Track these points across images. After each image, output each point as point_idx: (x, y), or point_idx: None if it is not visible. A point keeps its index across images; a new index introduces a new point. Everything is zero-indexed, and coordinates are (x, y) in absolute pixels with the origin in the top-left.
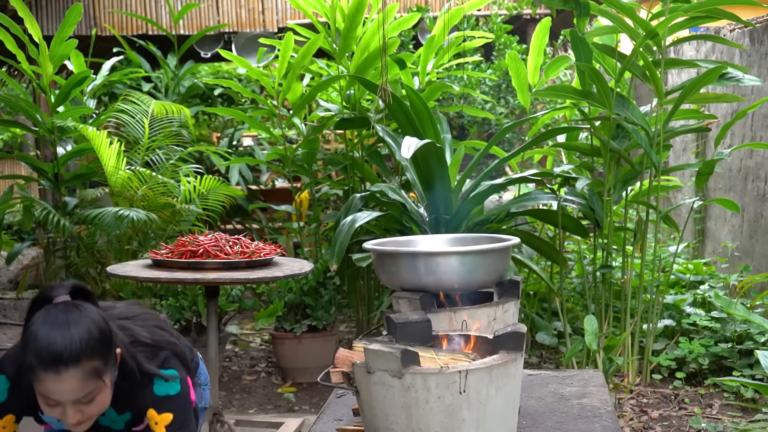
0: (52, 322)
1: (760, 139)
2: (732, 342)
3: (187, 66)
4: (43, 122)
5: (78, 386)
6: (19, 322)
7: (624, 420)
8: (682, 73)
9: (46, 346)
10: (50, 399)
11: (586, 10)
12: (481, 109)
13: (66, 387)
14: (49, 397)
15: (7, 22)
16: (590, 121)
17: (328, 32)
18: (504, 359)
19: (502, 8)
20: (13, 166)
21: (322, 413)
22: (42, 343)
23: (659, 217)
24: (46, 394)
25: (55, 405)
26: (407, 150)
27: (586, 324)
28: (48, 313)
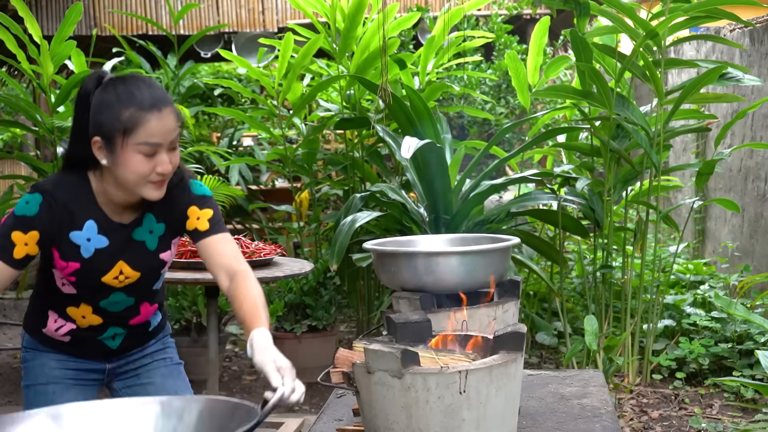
0: (126, 82)
1: (760, 139)
2: (732, 342)
3: (187, 66)
4: (43, 122)
5: (173, 125)
6: (19, 322)
7: (624, 420)
8: (682, 73)
9: (141, 93)
10: (150, 147)
11: (586, 10)
12: (481, 109)
13: (167, 124)
14: (151, 142)
15: (8, 21)
16: (590, 121)
17: (328, 32)
18: (504, 359)
19: (502, 8)
20: (13, 166)
21: (322, 413)
22: (136, 94)
23: (659, 217)
24: (148, 138)
25: (152, 155)
26: (407, 150)
27: (586, 324)
28: (116, 80)
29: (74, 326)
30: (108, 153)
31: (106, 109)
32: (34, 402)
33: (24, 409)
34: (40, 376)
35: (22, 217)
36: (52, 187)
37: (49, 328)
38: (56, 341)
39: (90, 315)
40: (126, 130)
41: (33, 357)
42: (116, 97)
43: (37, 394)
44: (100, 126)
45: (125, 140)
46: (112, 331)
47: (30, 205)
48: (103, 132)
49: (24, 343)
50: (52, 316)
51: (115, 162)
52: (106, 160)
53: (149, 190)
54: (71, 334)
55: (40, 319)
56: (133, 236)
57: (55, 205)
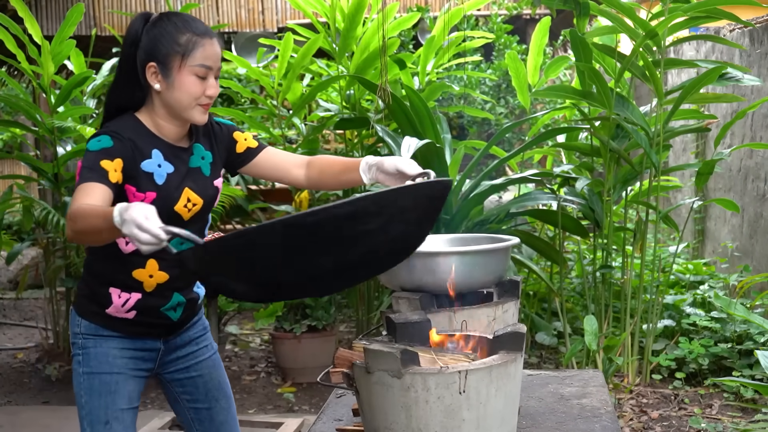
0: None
1: (759, 139)
2: (732, 342)
3: None
4: (42, 122)
5: (220, 53)
6: (19, 322)
7: (624, 420)
8: (682, 73)
9: (195, 22)
10: (204, 69)
11: (586, 10)
12: (480, 109)
13: (217, 51)
14: (206, 64)
15: (7, 22)
16: (590, 121)
17: (328, 32)
18: (504, 359)
19: (502, 8)
20: (12, 166)
21: (321, 413)
22: (191, 22)
23: (659, 217)
24: (204, 61)
25: (204, 77)
26: (407, 150)
27: (586, 324)
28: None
29: (140, 296)
30: (163, 77)
31: (163, 36)
32: (98, 390)
33: (84, 395)
34: (104, 364)
35: (102, 149)
36: (113, 127)
37: (115, 305)
38: (119, 321)
39: (157, 272)
40: (184, 53)
41: (95, 344)
42: (173, 25)
43: (102, 384)
44: (157, 52)
45: (183, 62)
46: (176, 300)
47: (103, 141)
48: (159, 57)
49: (82, 329)
50: (115, 292)
51: (169, 84)
52: (159, 84)
53: (197, 113)
54: (136, 308)
55: (102, 300)
56: (189, 164)
57: (123, 140)
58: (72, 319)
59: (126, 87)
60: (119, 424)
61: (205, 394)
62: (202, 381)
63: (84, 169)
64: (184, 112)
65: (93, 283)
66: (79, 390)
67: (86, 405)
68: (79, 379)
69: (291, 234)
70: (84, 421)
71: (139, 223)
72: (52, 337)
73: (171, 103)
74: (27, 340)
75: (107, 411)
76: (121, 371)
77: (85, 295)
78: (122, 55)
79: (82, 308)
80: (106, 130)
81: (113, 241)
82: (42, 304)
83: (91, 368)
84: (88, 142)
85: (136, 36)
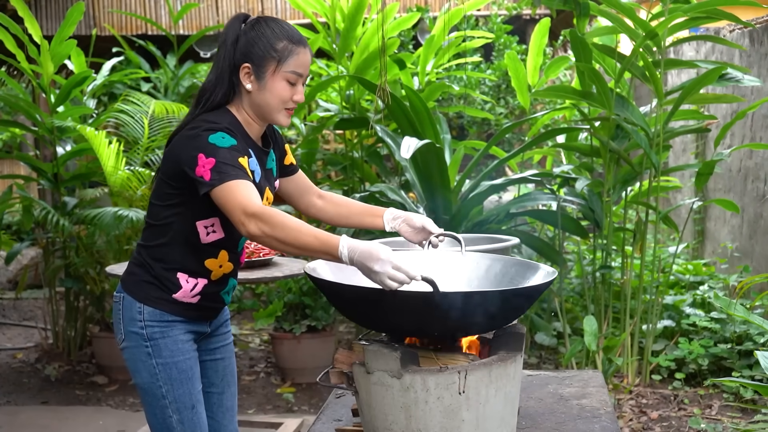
0: (275, 20)
1: (759, 140)
2: (731, 343)
3: (187, 66)
4: (42, 122)
5: (310, 61)
6: (18, 322)
7: (623, 421)
8: (682, 74)
9: (291, 30)
10: (295, 76)
11: (586, 10)
12: (480, 110)
13: (308, 59)
14: (298, 72)
15: (7, 21)
16: (590, 122)
17: (328, 32)
18: (503, 359)
19: (502, 8)
20: (12, 165)
21: (321, 413)
22: (288, 30)
23: (659, 217)
24: (296, 68)
25: (294, 84)
26: (407, 150)
27: (586, 324)
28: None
29: (206, 282)
30: (255, 79)
31: (261, 40)
32: (178, 379)
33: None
34: (176, 352)
35: (231, 146)
36: (225, 123)
37: (184, 290)
38: (184, 306)
39: (226, 262)
40: (280, 58)
41: (162, 333)
42: (271, 30)
43: (180, 372)
44: (253, 55)
45: (277, 68)
46: (231, 284)
47: (226, 138)
48: (254, 60)
49: (145, 316)
50: (183, 277)
51: (261, 87)
52: (251, 85)
53: (283, 116)
54: (201, 293)
55: (169, 285)
56: (266, 164)
57: (238, 138)
58: (127, 308)
59: (219, 83)
60: (201, 406)
61: (221, 379)
62: (223, 365)
63: (223, 165)
64: (270, 114)
65: (158, 268)
66: (154, 380)
67: (169, 394)
68: (153, 370)
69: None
70: (168, 409)
71: (397, 265)
72: (52, 337)
73: (260, 103)
74: (26, 340)
75: (191, 396)
76: (191, 355)
77: (146, 281)
78: (219, 53)
79: (143, 294)
80: (221, 127)
81: (194, 230)
82: (41, 304)
83: (165, 358)
84: (207, 138)
85: (234, 35)
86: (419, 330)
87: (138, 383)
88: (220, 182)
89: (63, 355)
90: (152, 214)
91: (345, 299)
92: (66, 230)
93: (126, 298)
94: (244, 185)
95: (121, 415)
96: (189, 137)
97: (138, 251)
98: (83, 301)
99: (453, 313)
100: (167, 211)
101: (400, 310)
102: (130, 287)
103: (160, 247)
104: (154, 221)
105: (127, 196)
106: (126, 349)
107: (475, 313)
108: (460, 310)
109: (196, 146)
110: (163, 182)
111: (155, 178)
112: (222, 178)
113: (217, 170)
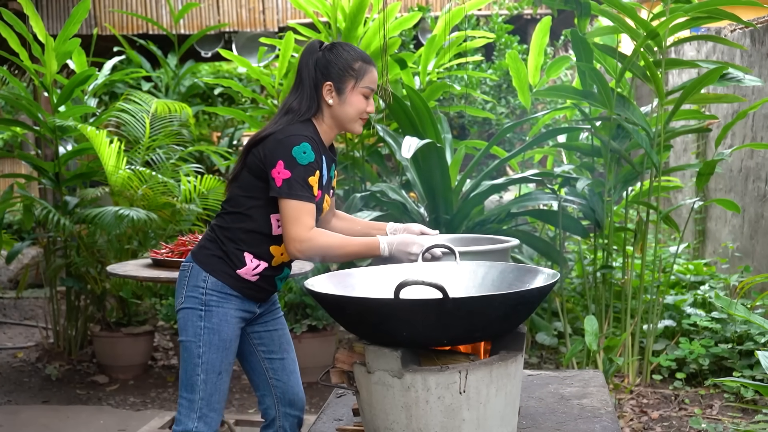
0: (347, 45)
1: (760, 140)
2: (732, 343)
3: (188, 65)
4: (44, 121)
5: (377, 77)
6: (19, 322)
7: (624, 420)
8: (683, 74)
9: (362, 52)
10: (369, 91)
11: (587, 10)
12: (481, 109)
13: (376, 76)
14: (371, 87)
15: (12, 19)
16: (591, 122)
17: (329, 32)
18: (504, 359)
19: (503, 8)
20: (13, 164)
21: (322, 413)
22: (360, 52)
23: (660, 217)
24: (370, 84)
25: (368, 96)
26: (408, 150)
27: (587, 324)
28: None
29: (267, 265)
30: (337, 94)
31: (340, 60)
32: (217, 346)
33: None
34: (224, 324)
35: (309, 164)
36: (308, 134)
37: (248, 268)
38: (244, 282)
39: (286, 252)
40: (357, 77)
41: (218, 303)
42: (347, 53)
43: (221, 341)
44: (334, 74)
45: (356, 84)
46: (285, 272)
47: (308, 153)
48: (335, 78)
49: (208, 285)
50: (248, 256)
51: (341, 101)
52: (332, 100)
53: (358, 125)
54: (260, 274)
55: (236, 261)
56: (330, 172)
57: (318, 147)
58: (194, 275)
59: (305, 100)
60: (227, 375)
61: (279, 346)
62: (278, 335)
63: (295, 183)
64: (348, 124)
65: (229, 246)
66: (196, 340)
67: (203, 355)
68: (198, 332)
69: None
70: (198, 368)
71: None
72: (52, 336)
73: (340, 115)
74: (27, 340)
75: (221, 363)
76: (234, 331)
77: (216, 256)
78: (303, 73)
79: (210, 266)
80: (306, 137)
81: (268, 222)
82: (42, 304)
83: (212, 324)
84: (291, 149)
85: (314, 59)
86: (428, 339)
87: (182, 340)
88: (288, 197)
89: (64, 355)
90: (234, 202)
91: (349, 312)
92: (67, 229)
93: (194, 267)
94: (304, 208)
95: (121, 414)
96: (278, 141)
97: (212, 229)
98: (84, 301)
99: (464, 319)
100: (250, 201)
101: (408, 319)
102: (200, 258)
103: (237, 231)
104: (234, 209)
105: (128, 196)
106: (182, 310)
107: (485, 318)
108: (471, 316)
109: (281, 153)
110: (248, 176)
111: (237, 170)
112: (290, 194)
113: (289, 184)
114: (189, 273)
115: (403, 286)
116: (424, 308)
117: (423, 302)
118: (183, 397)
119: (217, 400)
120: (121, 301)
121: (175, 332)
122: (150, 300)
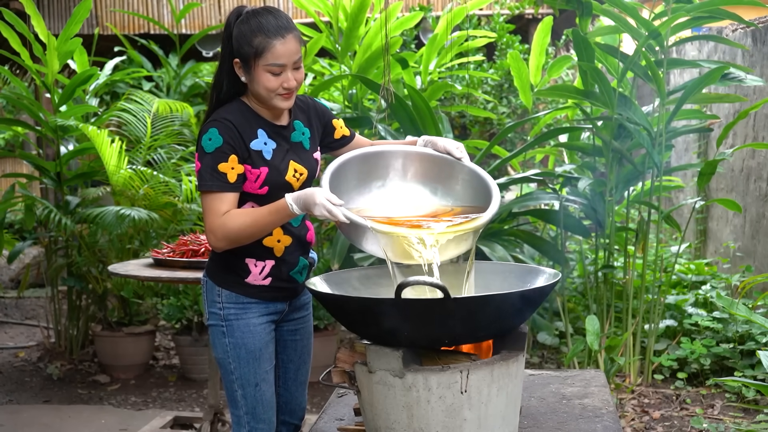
0: (258, 14)
1: (762, 139)
2: (734, 342)
3: (189, 65)
4: (45, 121)
5: (296, 47)
6: (21, 321)
7: (625, 420)
8: (685, 73)
9: (268, 23)
10: (276, 67)
11: (589, 9)
12: (483, 109)
13: (290, 47)
14: (277, 63)
15: (13, 19)
16: (592, 121)
17: (331, 31)
18: (505, 359)
19: (505, 8)
20: (14, 164)
21: (323, 413)
22: (264, 23)
23: (661, 217)
24: (275, 60)
25: (279, 73)
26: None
27: (588, 324)
28: (250, 12)
29: (273, 262)
30: (245, 72)
31: (242, 36)
32: (246, 359)
33: (232, 363)
34: (247, 335)
35: (215, 150)
36: (219, 116)
37: (254, 274)
38: (257, 289)
39: (282, 236)
40: (256, 54)
41: (236, 315)
42: (248, 26)
43: (249, 353)
44: (239, 51)
45: (257, 62)
46: (302, 263)
47: (214, 139)
48: (241, 55)
49: (223, 298)
50: (251, 262)
51: (250, 79)
52: (244, 77)
53: (279, 101)
54: (271, 275)
55: (241, 272)
56: (291, 139)
57: (230, 125)
58: (209, 291)
59: (224, 73)
60: (266, 384)
61: (299, 356)
62: (301, 344)
63: (204, 173)
64: (266, 102)
65: (229, 256)
66: (225, 357)
67: (235, 371)
68: (225, 348)
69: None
70: (234, 384)
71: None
72: (54, 336)
73: (254, 93)
74: (28, 339)
75: (256, 375)
76: (262, 338)
77: (222, 267)
78: (221, 48)
79: (220, 279)
80: (213, 121)
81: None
82: (44, 303)
83: (236, 339)
84: (200, 138)
85: (229, 31)
86: (430, 338)
87: (215, 357)
88: (198, 188)
89: (65, 354)
90: None
91: (350, 312)
92: (68, 229)
93: (208, 282)
94: (214, 198)
95: (122, 413)
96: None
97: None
98: (85, 300)
99: (465, 319)
100: None
101: (409, 319)
102: (210, 273)
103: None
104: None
105: (130, 195)
106: (209, 327)
107: (487, 318)
108: (473, 315)
109: (197, 145)
110: None
111: None
112: (200, 186)
113: (199, 176)
114: (206, 289)
115: (404, 285)
116: (425, 308)
117: (424, 302)
118: (231, 412)
119: (262, 410)
120: (122, 301)
121: (176, 331)
122: (151, 300)
